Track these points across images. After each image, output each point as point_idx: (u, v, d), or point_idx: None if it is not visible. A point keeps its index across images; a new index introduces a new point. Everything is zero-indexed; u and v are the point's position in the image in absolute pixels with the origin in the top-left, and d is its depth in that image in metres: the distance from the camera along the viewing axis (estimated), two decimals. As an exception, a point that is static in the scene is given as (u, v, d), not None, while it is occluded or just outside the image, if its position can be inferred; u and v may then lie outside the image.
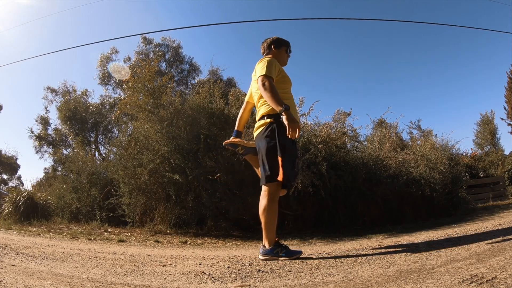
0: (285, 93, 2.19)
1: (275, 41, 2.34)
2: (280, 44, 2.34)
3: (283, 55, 2.36)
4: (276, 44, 2.33)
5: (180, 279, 1.61)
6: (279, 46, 2.33)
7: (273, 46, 2.32)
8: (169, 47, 15.51)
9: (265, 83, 1.98)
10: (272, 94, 1.94)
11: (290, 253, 2.05)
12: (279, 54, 2.32)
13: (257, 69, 2.14)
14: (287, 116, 1.86)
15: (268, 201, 2.04)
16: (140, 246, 3.16)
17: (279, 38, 2.37)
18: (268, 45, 2.34)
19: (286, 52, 2.38)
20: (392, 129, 5.90)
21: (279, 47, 2.33)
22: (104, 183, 5.51)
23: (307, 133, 4.38)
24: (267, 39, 2.37)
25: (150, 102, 4.48)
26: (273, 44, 2.33)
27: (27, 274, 1.67)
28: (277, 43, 2.33)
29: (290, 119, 1.85)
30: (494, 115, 16.39)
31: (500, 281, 1.20)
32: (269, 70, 2.05)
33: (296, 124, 1.86)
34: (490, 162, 9.45)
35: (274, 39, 2.35)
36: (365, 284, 1.35)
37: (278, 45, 2.33)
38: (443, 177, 4.95)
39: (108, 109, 14.32)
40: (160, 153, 4.16)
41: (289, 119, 1.85)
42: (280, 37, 2.38)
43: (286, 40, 2.39)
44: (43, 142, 14.86)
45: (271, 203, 2.04)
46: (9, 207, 5.57)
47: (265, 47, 2.36)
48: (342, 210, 4.22)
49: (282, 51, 2.35)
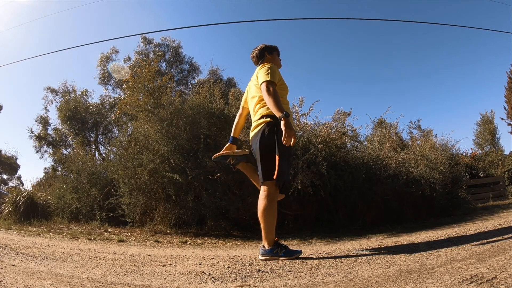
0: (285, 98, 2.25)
1: (267, 48, 2.40)
2: (271, 50, 2.41)
3: (277, 59, 2.42)
4: (268, 50, 2.40)
5: (180, 279, 1.61)
6: (271, 52, 2.40)
7: (267, 53, 2.39)
8: (169, 47, 15.50)
9: (270, 88, 2.03)
10: (275, 99, 1.99)
11: (290, 253, 2.06)
12: (273, 59, 2.38)
13: (260, 74, 2.17)
14: (285, 123, 1.90)
15: (268, 201, 2.06)
16: (140, 246, 3.16)
17: (268, 45, 2.43)
18: (261, 53, 2.39)
19: (278, 56, 2.44)
20: (392, 129, 5.90)
21: (271, 53, 2.40)
22: (104, 183, 5.51)
23: (307, 133, 4.38)
24: (255, 48, 2.43)
25: (150, 102, 4.48)
26: (266, 51, 2.39)
27: (27, 274, 1.67)
28: (269, 49, 2.40)
29: (288, 126, 1.89)
30: (494, 115, 16.43)
31: (500, 281, 1.20)
32: (273, 76, 2.10)
33: (293, 132, 1.90)
34: (490, 162, 9.44)
35: (264, 46, 2.41)
36: (365, 284, 1.35)
37: (270, 51, 2.40)
38: (443, 177, 4.95)
39: (108, 109, 14.31)
40: (160, 153, 4.16)
41: (287, 126, 1.89)
42: (267, 44, 2.44)
43: (274, 45, 2.46)
44: (43, 142, 14.85)
45: (270, 204, 2.06)
46: (9, 207, 5.57)
47: (257, 56, 2.41)
48: (342, 210, 4.22)
49: (275, 56, 2.42)
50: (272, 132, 2.06)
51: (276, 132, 2.05)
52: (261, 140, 2.09)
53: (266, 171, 2.05)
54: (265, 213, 2.06)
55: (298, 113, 4.63)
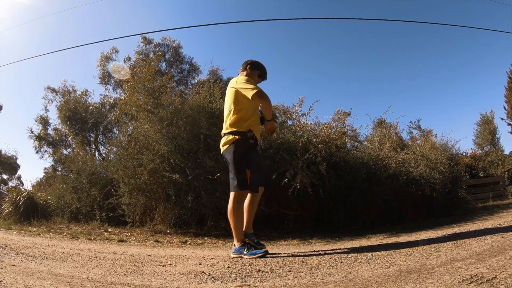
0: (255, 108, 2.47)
1: (252, 64, 2.59)
2: (255, 67, 2.59)
3: (254, 77, 2.57)
4: (252, 66, 2.58)
5: (180, 279, 1.61)
6: (253, 68, 2.58)
7: (249, 67, 2.57)
8: (169, 47, 15.49)
9: (263, 95, 2.31)
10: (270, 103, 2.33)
11: (253, 253, 2.24)
12: (251, 75, 2.55)
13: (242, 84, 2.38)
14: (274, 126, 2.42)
15: (234, 204, 2.35)
16: (140, 246, 3.16)
17: (258, 63, 2.62)
18: (246, 64, 2.59)
19: (257, 76, 2.60)
20: (392, 129, 5.90)
21: (253, 70, 2.58)
22: (104, 183, 5.51)
23: (307, 133, 4.38)
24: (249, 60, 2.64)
25: (150, 102, 4.48)
26: (249, 65, 2.58)
27: (27, 274, 1.67)
28: (253, 65, 2.59)
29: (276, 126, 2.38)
30: (494, 115, 16.36)
31: (500, 281, 1.20)
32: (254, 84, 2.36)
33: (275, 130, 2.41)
34: (490, 162, 9.43)
35: (253, 61, 2.60)
36: (365, 284, 1.35)
37: (253, 67, 2.58)
38: (443, 177, 4.95)
39: (108, 109, 14.28)
40: (160, 153, 4.15)
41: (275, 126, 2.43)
42: (259, 63, 2.63)
43: (263, 67, 2.63)
44: (43, 142, 14.83)
45: (237, 206, 2.35)
46: (9, 207, 5.57)
47: (243, 65, 2.62)
48: (342, 210, 4.22)
49: (254, 74, 2.57)
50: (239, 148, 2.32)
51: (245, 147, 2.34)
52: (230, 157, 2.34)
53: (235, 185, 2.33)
54: (232, 216, 2.36)
55: (298, 113, 4.62)
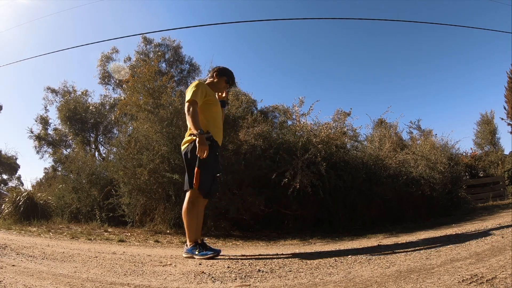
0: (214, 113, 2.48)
1: (219, 70, 2.63)
2: (222, 73, 2.62)
3: (221, 83, 2.62)
4: (219, 72, 2.61)
5: (180, 279, 1.61)
6: (220, 75, 2.61)
7: (215, 74, 2.60)
8: (169, 47, 15.46)
9: (189, 108, 2.30)
10: (193, 118, 2.28)
11: (204, 254, 2.24)
12: (217, 82, 2.60)
13: (186, 92, 2.40)
14: (199, 140, 2.21)
15: (188, 205, 2.36)
16: (140, 246, 3.16)
17: (224, 69, 2.65)
18: (213, 71, 2.64)
19: (225, 81, 2.63)
20: (392, 129, 5.91)
21: (220, 76, 2.61)
22: (104, 183, 5.50)
23: (306, 133, 4.38)
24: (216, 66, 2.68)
25: (150, 102, 4.48)
26: (216, 72, 2.61)
27: (27, 274, 1.67)
28: (220, 72, 2.62)
29: (200, 142, 2.21)
30: (494, 114, 16.35)
31: (500, 281, 1.20)
32: (195, 95, 2.34)
33: (204, 147, 2.21)
34: (490, 162, 9.44)
35: (220, 68, 2.64)
36: (365, 284, 1.35)
37: (220, 74, 2.61)
38: (443, 177, 4.95)
39: (108, 109, 14.28)
40: (160, 153, 4.15)
41: (199, 142, 2.21)
42: (226, 69, 2.66)
43: (230, 73, 2.66)
44: (43, 142, 14.82)
45: (191, 207, 2.35)
46: (9, 207, 5.56)
47: (211, 72, 2.66)
48: (342, 210, 4.22)
49: (221, 80, 2.61)
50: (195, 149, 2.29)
51: None
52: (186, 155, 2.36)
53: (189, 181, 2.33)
54: (186, 215, 2.36)
55: (298, 113, 4.63)
